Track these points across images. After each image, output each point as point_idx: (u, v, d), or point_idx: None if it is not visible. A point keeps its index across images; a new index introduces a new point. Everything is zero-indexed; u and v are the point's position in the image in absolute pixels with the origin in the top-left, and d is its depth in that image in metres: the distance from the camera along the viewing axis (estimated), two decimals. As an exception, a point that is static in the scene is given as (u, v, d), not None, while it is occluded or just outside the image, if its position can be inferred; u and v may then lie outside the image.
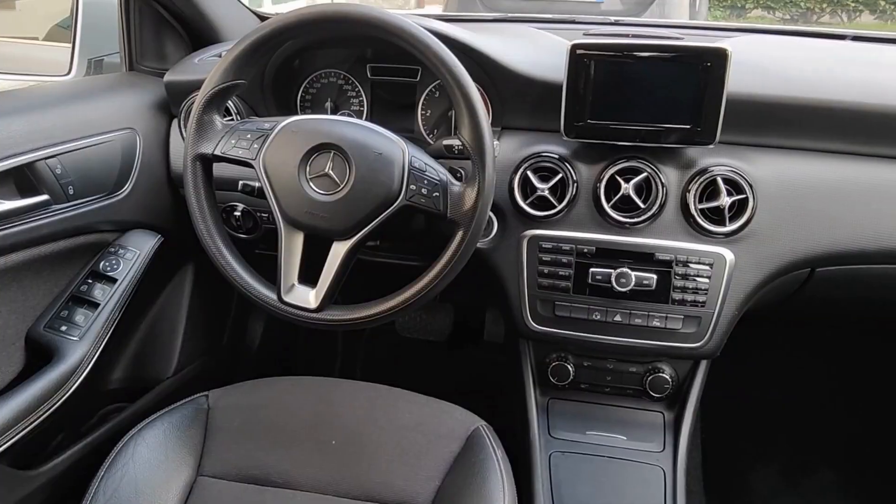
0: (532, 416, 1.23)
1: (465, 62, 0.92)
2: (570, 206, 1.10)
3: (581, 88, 1.03)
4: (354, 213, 0.92)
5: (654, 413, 1.23)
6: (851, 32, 1.39)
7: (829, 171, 1.08)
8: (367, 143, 0.93)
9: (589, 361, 1.22)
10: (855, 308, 1.32)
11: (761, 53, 1.20)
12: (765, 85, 1.09)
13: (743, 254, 1.08)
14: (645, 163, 1.07)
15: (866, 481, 1.67)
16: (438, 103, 1.22)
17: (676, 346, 1.12)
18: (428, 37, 0.90)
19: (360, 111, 1.26)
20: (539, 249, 1.12)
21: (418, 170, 0.93)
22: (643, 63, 1.01)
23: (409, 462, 1.00)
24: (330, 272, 0.94)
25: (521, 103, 1.14)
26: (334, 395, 1.09)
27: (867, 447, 1.73)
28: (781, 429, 1.77)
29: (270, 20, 0.94)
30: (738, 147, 1.10)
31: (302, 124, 0.95)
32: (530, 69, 1.12)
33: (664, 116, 1.03)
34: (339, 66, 1.25)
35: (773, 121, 1.09)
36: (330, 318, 0.95)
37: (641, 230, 1.09)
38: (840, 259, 1.09)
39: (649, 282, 1.08)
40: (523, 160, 1.11)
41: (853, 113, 1.06)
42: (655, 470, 1.16)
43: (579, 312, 1.12)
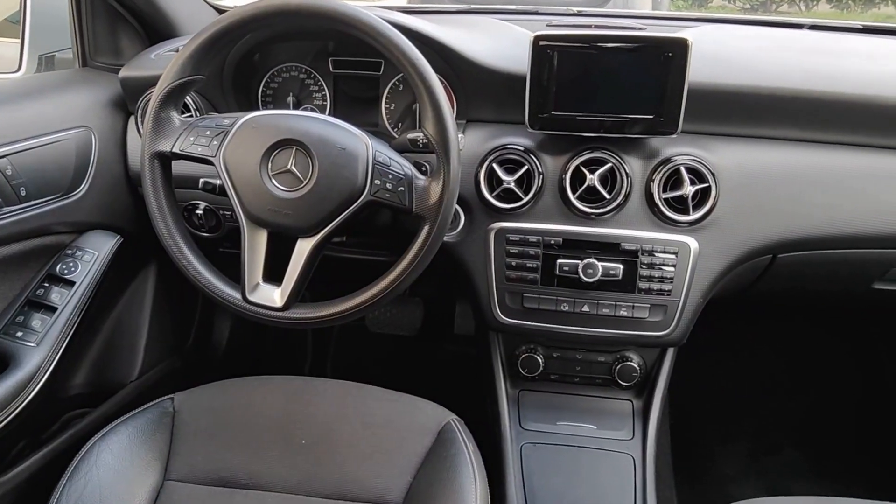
0: (503, 408, 1.23)
1: (427, 55, 0.91)
2: (536, 197, 1.10)
3: (545, 80, 1.03)
4: (318, 210, 0.91)
5: (623, 402, 1.25)
6: (809, 21, 1.41)
7: (788, 159, 1.10)
8: (330, 138, 0.91)
9: (558, 352, 1.23)
10: (813, 291, 1.35)
11: (722, 43, 1.21)
12: (725, 75, 1.10)
13: (707, 242, 1.09)
14: (609, 153, 1.07)
15: (827, 458, 1.71)
16: (402, 97, 1.21)
17: (644, 335, 1.13)
18: (389, 29, 0.88)
19: (322, 106, 1.24)
20: (506, 242, 1.12)
21: (382, 164, 0.92)
22: (606, 54, 1.01)
23: (381, 459, 0.99)
24: (295, 270, 0.93)
25: (485, 95, 1.13)
26: (304, 394, 1.08)
27: (826, 426, 1.78)
28: (746, 412, 1.81)
29: (228, 13, 0.92)
30: (701, 136, 1.11)
31: (263, 120, 0.93)
32: (494, 61, 1.12)
33: (628, 107, 1.03)
34: (300, 60, 1.23)
35: (734, 110, 1.10)
36: (296, 316, 0.94)
37: (607, 220, 1.09)
38: (800, 245, 1.11)
39: (616, 272, 1.08)
40: (489, 153, 1.11)
41: (811, 101, 1.08)
42: (625, 457, 1.17)
43: (547, 304, 1.13)
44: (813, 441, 1.75)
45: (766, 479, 1.65)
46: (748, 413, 1.81)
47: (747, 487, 1.63)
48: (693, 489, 1.57)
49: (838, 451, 1.73)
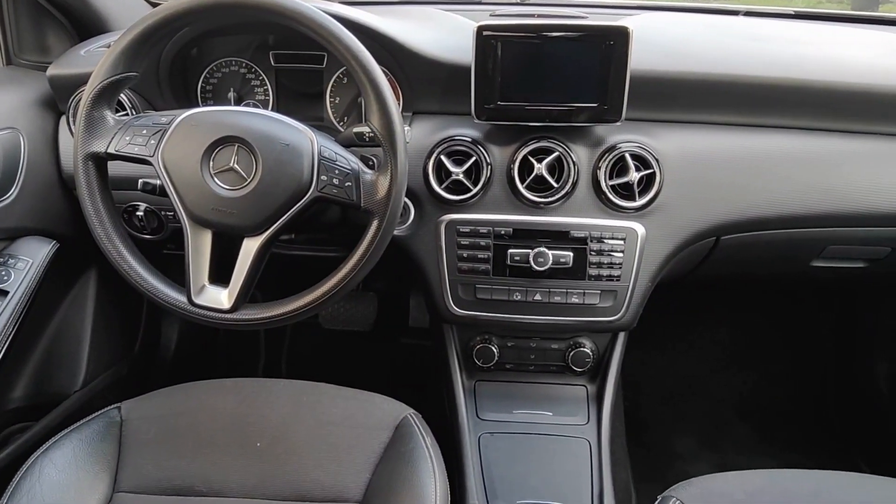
0: (459, 399, 1.23)
1: (371, 47, 0.90)
2: (485, 188, 1.10)
3: (489, 70, 1.03)
4: (264, 208, 0.88)
5: (577, 387, 1.26)
6: (744, 8, 1.45)
7: (728, 144, 1.13)
8: (273, 134, 0.89)
9: (512, 342, 1.24)
10: (756, 272, 1.39)
11: (662, 31, 1.23)
12: (666, 62, 1.12)
13: (653, 227, 1.11)
14: (556, 142, 1.08)
15: (775, 431, 1.78)
16: (347, 90, 1.19)
17: (595, 321, 1.15)
18: (331, 22, 0.87)
19: (265, 101, 1.21)
20: (457, 234, 1.11)
21: (328, 160, 0.90)
22: (549, 43, 1.01)
23: (338, 457, 0.98)
24: (242, 270, 0.91)
25: (430, 87, 1.13)
26: (257, 396, 1.06)
27: (773, 401, 1.85)
28: (696, 391, 1.86)
29: (161, 7, 0.89)
30: (644, 123, 1.12)
31: (202, 117, 0.90)
32: (438, 52, 1.11)
33: (572, 96, 1.04)
34: (240, 54, 1.20)
35: (675, 96, 1.12)
36: (245, 317, 0.92)
37: (556, 209, 1.10)
38: (742, 226, 1.14)
39: (566, 259, 1.09)
40: (436, 145, 1.10)
41: (748, 87, 1.11)
42: (581, 442, 1.19)
43: (500, 294, 1.13)
44: (761, 416, 1.81)
45: (718, 455, 1.70)
46: (698, 392, 1.86)
47: (700, 464, 1.68)
48: (648, 469, 1.60)
49: (785, 424, 1.80)
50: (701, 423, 1.79)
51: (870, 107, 1.12)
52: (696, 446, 1.73)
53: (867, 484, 0.94)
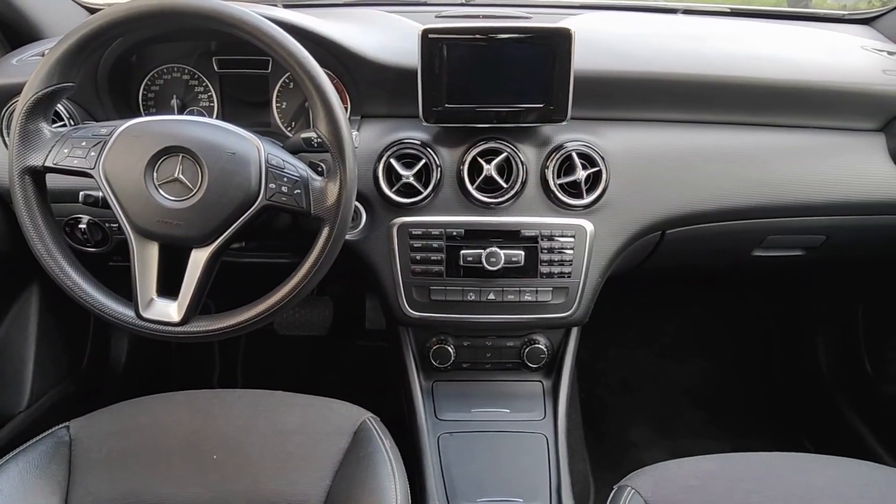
0: (417, 401, 1.24)
1: (316, 52, 0.90)
2: (435, 190, 1.10)
3: (436, 73, 1.03)
4: (212, 218, 0.87)
5: (533, 383, 1.28)
6: (682, 6, 1.49)
7: (671, 140, 1.16)
8: (219, 142, 0.88)
9: (468, 341, 1.25)
10: (700, 263, 1.44)
11: (603, 31, 1.26)
12: (608, 62, 1.14)
13: (601, 223, 1.13)
14: (504, 143, 1.09)
15: (725, 414, 1.84)
16: (294, 95, 1.18)
17: (548, 318, 1.17)
18: (273, 28, 0.86)
19: (210, 107, 1.19)
20: (409, 236, 1.12)
21: (276, 167, 0.89)
22: (495, 45, 1.03)
23: (297, 465, 0.97)
24: (192, 281, 0.90)
25: (378, 91, 1.13)
26: (211, 408, 1.04)
27: (722, 387, 1.91)
28: (649, 380, 1.91)
29: (99, 14, 0.86)
30: (590, 122, 1.15)
31: (144, 127, 0.89)
32: (384, 55, 1.11)
33: (519, 97, 1.05)
34: (182, 60, 1.17)
35: (618, 95, 1.15)
36: (196, 330, 0.91)
37: (506, 209, 1.11)
38: (686, 220, 1.18)
39: (518, 258, 1.11)
40: (386, 148, 1.10)
41: (686, 85, 1.14)
42: (538, 437, 1.21)
43: (454, 295, 1.14)
44: (711, 402, 1.87)
45: (672, 442, 1.75)
46: (651, 381, 1.91)
47: (655, 451, 1.72)
48: (605, 458, 1.64)
49: (735, 409, 1.86)
50: (654, 411, 1.84)
51: (802, 102, 1.16)
52: (650, 434, 1.78)
53: (810, 463, 0.99)
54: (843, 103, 1.17)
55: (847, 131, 1.19)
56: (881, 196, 1.19)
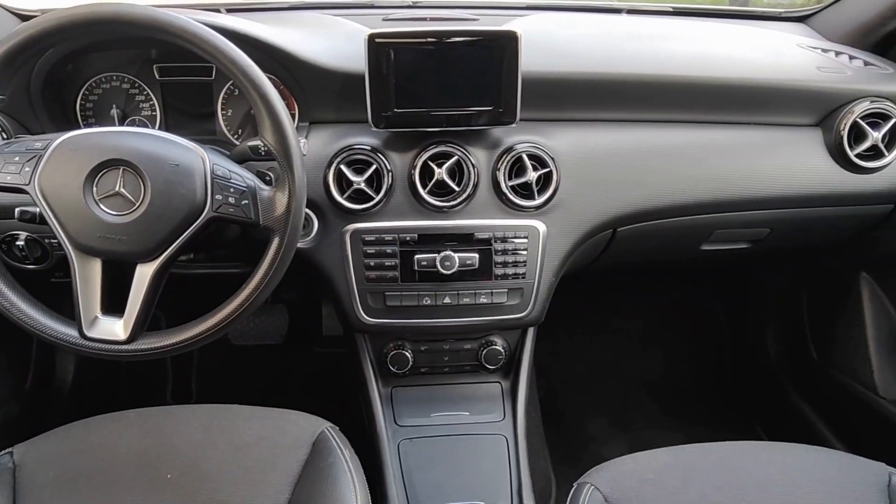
0: (376, 408, 1.23)
1: (260, 59, 0.88)
2: (387, 196, 1.10)
3: (384, 78, 1.02)
4: (156, 232, 0.85)
5: (492, 384, 1.29)
6: (626, 6, 1.51)
7: (619, 139, 1.18)
8: (161, 154, 0.86)
9: (426, 345, 1.24)
10: (651, 258, 1.47)
11: (549, 32, 1.27)
12: (554, 63, 1.15)
13: (553, 223, 1.14)
14: (455, 146, 1.09)
15: (680, 405, 1.88)
16: (240, 102, 1.16)
17: (504, 319, 1.17)
18: (214, 36, 0.84)
19: (152, 117, 1.16)
20: (362, 242, 1.11)
21: (222, 178, 0.87)
22: (442, 49, 1.02)
23: (255, 479, 0.96)
24: (138, 297, 0.87)
25: (325, 96, 1.11)
26: (165, 425, 1.02)
27: (677, 376, 1.96)
28: (606, 375, 1.94)
29: (29, 24, 0.83)
30: (539, 123, 1.15)
31: (81, 140, 0.86)
32: (331, 61, 1.10)
33: (468, 100, 1.05)
34: (122, 68, 1.14)
35: (566, 96, 1.16)
36: (145, 347, 0.88)
37: (459, 212, 1.11)
38: (635, 218, 1.20)
39: (472, 261, 1.11)
40: (335, 154, 1.09)
41: (631, 84, 1.16)
42: (499, 439, 1.21)
43: (410, 300, 1.13)
44: (666, 393, 1.91)
45: (630, 434, 1.78)
46: (607, 375, 1.94)
47: (614, 445, 1.75)
48: (566, 453, 1.66)
49: (689, 399, 1.91)
50: (611, 404, 1.87)
51: (744, 100, 1.20)
52: (608, 427, 1.81)
53: (762, 452, 1.02)
54: (783, 100, 1.21)
55: (786, 127, 1.23)
56: (820, 189, 1.23)
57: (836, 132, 1.20)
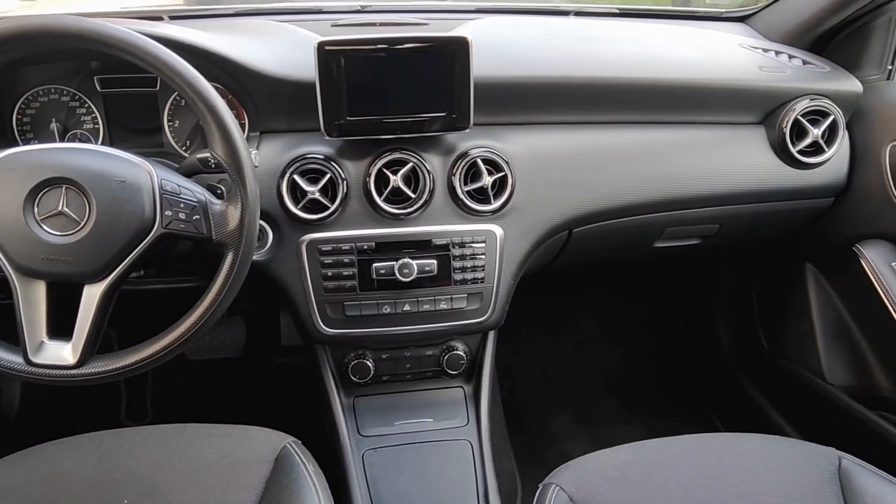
0: (339, 419, 1.22)
1: (207, 69, 0.86)
2: (343, 205, 1.08)
3: (335, 86, 1.01)
4: (104, 252, 0.82)
5: (454, 389, 1.29)
6: (574, 8, 1.53)
7: (572, 142, 1.19)
8: (106, 170, 0.83)
9: (387, 353, 1.24)
10: (606, 257, 1.49)
11: (500, 36, 1.27)
12: (506, 67, 1.16)
13: (510, 227, 1.15)
14: (409, 153, 1.09)
15: (640, 399, 1.92)
16: (188, 113, 1.13)
17: (465, 324, 1.17)
18: (156, 48, 0.82)
19: (94, 130, 1.11)
20: (319, 252, 1.09)
21: (172, 193, 0.85)
22: (393, 55, 1.02)
23: (217, 499, 0.93)
24: (86, 319, 0.84)
25: (276, 106, 1.09)
26: (120, 448, 0.98)
27: (635, 371, 2.00)
28: (566, 373, 1.96)
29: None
30: (493, 127, 1.16)
31: (18, 158, 0.82)
32: (280, 69, 1.08)
33: (421, 106, 1.05)
34: (61, 80, 1.09)
35: (518, 100, 1.16)
36: (96, 371, 0.85)
37: (416, 219, 1.11)
38: (590, 218, 1.21)
39: (431, 267, 1.11)
40: (288, 164, 1.07)
41: (582, 87, 1.18)
42: (463, 444, 1.21)
43: (369, 309, 1.12)
44: (626, 388, 1.94)
45: (592, 430, 1.81)
46: (568, 373, 1.96)
47: (577, 441, 1.77)
48: (530, 452, 1.67)
49: (648, 392, 1.95)
50: (573, 402, 1.90)
51: (692, 100, 1.22)
52: (571, 424, 1.83)
53: (719, 443, 1.04)
54: (727, 100, 1.24)
55: (732, 125, 1.27)
56: (765, 184, 1.27)
57: (779, 129, 1.24)
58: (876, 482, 0.93)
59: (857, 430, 1.35)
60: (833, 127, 1.25)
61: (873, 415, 1.32)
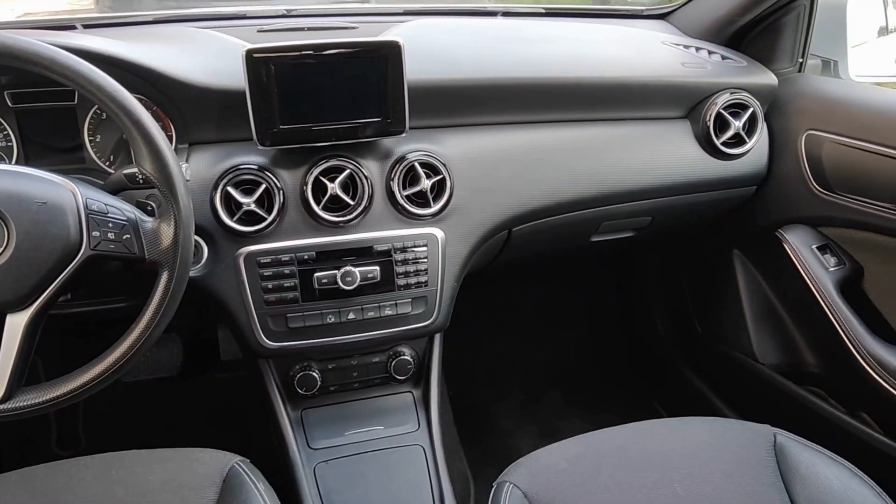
0: (287, 434, 1.19)
1: (127, 80, 0.82)
2: (280, 215, 1.06)
3: (266, 94, 0.99)
4: (26, 278, 0.78)
5: (403, 394, 1.28)
6: (501, 9, 1.54)
7: (508, 142, 1.20)
8: (23, 192, 0.78)
9: (333, 363, 1.22)
10: (545, 253, 1.52)
11: (430, 39, 1.27)
12: (438, 70, 1.16)
13: (451, 229, 1.15)
14: (346, 160, 1.07)
15: (584, 391, 1.96)
16: (110, 126, 1.07)
17: (411, 329, 1.17)
18: (73, 61, 0.78)
19: (7, 149, 1.05)
20: (258, 265, 1.07)
21: (98, 212, 0.81)
22: (323, 61, 1.00)
23: (163, 528, 0.90)
24: (10, 350, 0.79)
25: (204, 116, 1.06)
26: (53, 484, 0.93)
27: (578, 363, 2.04)
28: (512, 369, 1.98)
29: None
30: (429, 130, 1.16)
31: None
32: (207, 78, 1.04)
33: (355, 112, 1.04)
34: None
35: (452, 102, 1.17)
36: (24, 404, 0.80)
37: (356, 226, 1.10)
38: (529, 217, 1.23)
39: (374, 274, 1.10)
40: (221, 176, 1.04)
41: (518, 87, 1.19)
42: (416, 449, 1.21)
43: (313, 319, 1.10)
44: (570, 381, 1.98)
45: (538, 425, 1.84)
46: (513, 369, 1.99)
47: (524, 436, 1.80)
48: (481, 452, 1.68)
49: (592, 383, 1.99)
50: (520, 397, 1.92)
51: (620, 98, 1.26)
52: (519, 420, 1.85)
53: (663, 428, 1.07)
54: (654, 96, 1.28)
55: (659, 120, 1.31)
56: (692, 176, 1.32)
57: (703, 123, 1.29)
58: (809, 455, 0.98)
59: (788, 406, 1.42)
60: (753, 119, 1.31)
61: (802, 390, 1.40)
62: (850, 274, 1.28)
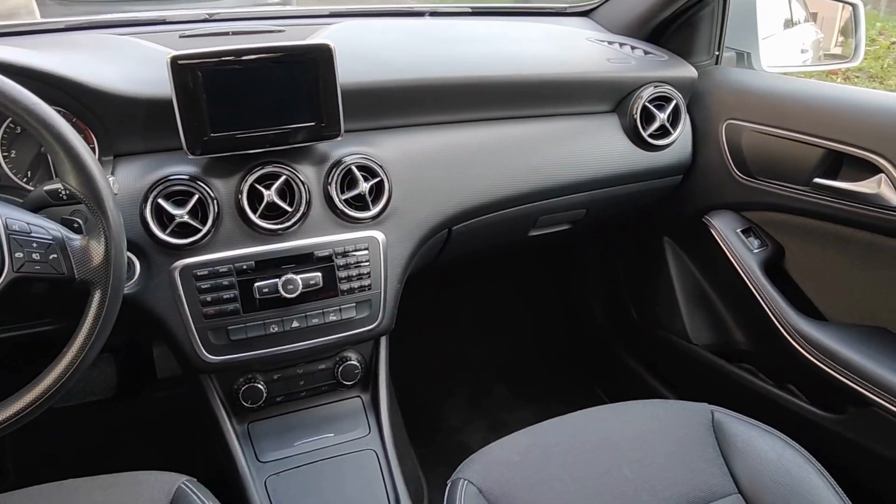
0: (234, 449, 1.16)
1: (44, 91, 0.78)
2: (215, 226, 1.03)
3: (194, 101, 0.96)
4: None
5: (352, 400, 1.27)
6: (429, 9, 1.54)
7: (442, 141, 1.21)
8: None
9: (278, 373, 1.19)
10: (485, 249, 1.53)
11: (360, 40, 1.26)
12: (369, 71, 1.15)
13: (391, 231, 1.15)
14: (281, 166, 1.06)
15: (530, 382, 1.99)
16: (26, 140, 1.02)
17: (356, 333, 1.16)
18: None
19: None
20: (195, 278, 1.03)
21: (20, 232, 0.77)
22: (252, 66, 0.98)
23: (109, 558, 0.86)
24: None
25: (129, 126, 1.02)
26: None
27: (523, 355, 2.07)
28: (458, 365, 2.00)
29: None
30: (365, 133, 1.15)
31: None
32: (129, 87, 1.00)
33: (287, 117, 1.02)
34: None
35: (384, 104, 1.16)
36: None
37: (295, 233, 1.08)
38: (467, 215, 1.24)
39: (316, 280, 1.08)
40: (150, 188, 1.00)
41: (449, 87, 1.20)
42: (368, 454, 1.20)
43: (255, 330, 1.08)
44: (516, 373, 2.01)
45: (487, 419, 1.86)
46: (459, 365, 2.00)
47: (474, 430, 1.81)
48: (432, 451, 1.68)
49: (537, 375, 2.02)
50: (467, 393, 1.94)
51: (549, 94, 1.28)
52: (467, 416, 1.87)
53: (608, 414, 1.11)
54: (582, 92, 1.31)
55: (589, 115, 1.34)
56: (622, 168, 1.36)
57: (630, 116, 1.33)
58: (744, 428, 1.03)
59: (722, 384, 1.49)
60: (676, 111, 1.36)
61: (734, 367, 1.46)
62: (772, 255, 1.35)
